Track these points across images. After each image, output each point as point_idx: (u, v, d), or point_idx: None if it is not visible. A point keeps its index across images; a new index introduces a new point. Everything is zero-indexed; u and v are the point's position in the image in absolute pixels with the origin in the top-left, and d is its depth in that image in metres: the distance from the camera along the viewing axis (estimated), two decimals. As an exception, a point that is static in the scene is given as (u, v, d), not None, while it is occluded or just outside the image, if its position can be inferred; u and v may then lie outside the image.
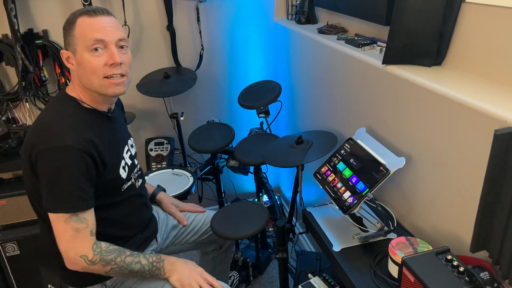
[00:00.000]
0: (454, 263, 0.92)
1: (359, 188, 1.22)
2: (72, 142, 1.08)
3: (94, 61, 1.14)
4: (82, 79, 1.18)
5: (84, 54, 1.14)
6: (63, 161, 1.08)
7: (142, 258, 1.19)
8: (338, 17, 1.80)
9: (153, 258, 1.22)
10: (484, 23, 1.03)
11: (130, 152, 1.35)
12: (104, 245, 1.14)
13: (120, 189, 1.27)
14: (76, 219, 1.10)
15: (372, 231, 1.24)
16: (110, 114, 1.27)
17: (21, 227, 1.90)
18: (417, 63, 1.22)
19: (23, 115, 2.03)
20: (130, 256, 1.18)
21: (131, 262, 1.17)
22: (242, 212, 1.50)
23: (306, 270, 1.61)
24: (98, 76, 1.15)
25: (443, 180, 1.12)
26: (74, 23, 1.14)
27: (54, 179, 1.08)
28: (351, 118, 1.58)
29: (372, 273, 1.12)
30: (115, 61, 1.14)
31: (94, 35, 1.12)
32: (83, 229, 1.10)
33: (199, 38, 2.20)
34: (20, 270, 1.92)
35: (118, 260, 1.15)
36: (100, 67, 1.14)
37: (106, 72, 1.15)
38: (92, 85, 1.17)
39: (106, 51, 1.15)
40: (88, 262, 1.12)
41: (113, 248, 1.16)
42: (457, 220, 1.10)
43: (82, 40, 1.13)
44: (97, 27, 1.13)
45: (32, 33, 1.93)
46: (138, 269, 1.18)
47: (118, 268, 1.15)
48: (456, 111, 1.02)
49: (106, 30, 1.14)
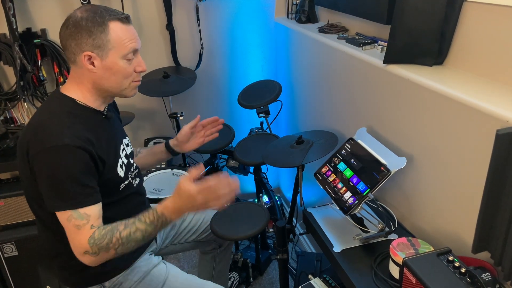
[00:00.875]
0: (456, 264, 0.92)
1: (360, 189, 1.22)
2: (69, 140, 1.08)
3: (128, 68, 1.19)
4: (104, 82, 1.18)
5: (119, 61, 1.17)
6: (61, 160, 1.08)
7: (139, 224, 1.13)
8: (339, 16, 1.80)
9: (150, 218, 1.15)
10: (486, 22, 1.03)
11: (126, 151, 1.36)
12: (97, 232, 1.10)
13: (118, 188, 1.27)
14: (77, 215, 1.09)
15: (373, 231, 1.24)
16: (106, 113, 1.27)
17: (19, 227, 1.90)
18: (418, 62, 1.22)
19: (21, 115, 2.03)
20: (125, 229, 1.12)
21: (129, 235, 1.12)
22: (242, 213, 1.50)
23: (306, 271, 1.61)
24: (128, 81, 1.22)
25: (444, 180, 1.12)
26: (106, 26, 1.13)
27: (54, 178, 1.08)
28: (352, 118, 1.58)
29: (373, 274, 1.12)
30: (144, 69, 1.24)
31: (133, 45, 1.18)
32: (83, 225, 1.10)
33: (199, 37, 2.21)
34: (18, 271, 1.92)
35: (114, 240, 1.10)
36: (132, 73, 1.21)
37: (135, 77, 1.23)
38: (118, 88, 1.21)
39: (134, 59, 1.21)
40: (92, 255, 1.10)
41: (105, 231, 1.11)
42: (458, 220, 1.10)
43: (120, 47, 1.16)
44: (133, 36, 1.19)
45: (31, 32, 1.93)
46: (141, 236, 1.14)
47: (121, 246, 1.12)
48: (457, 111, 1.02)
49: (138, 40, 1.21)
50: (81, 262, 1.23)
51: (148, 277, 1.33)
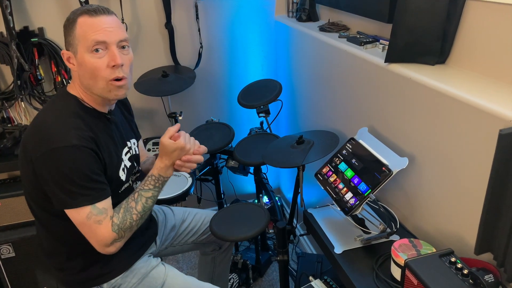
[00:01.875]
0: (458, 265, 0.92)
1: (361, 189, 1.22)
2: (75, 140, 1.09)
3: (95, 63, 1.13)
4: (83, 80, 1.18)
5: (85, 55, 1.13)
6: (71, 159, 1.08)
7: (145, 193, 1.23)
8: (340, 14, 1.80)
9: (152, 183, 1.24)
10: (489, 21, 1.03)
11: (130, 153, 1.36)
12: (115, 219, 1.16)
13: (118, 191, 1.27)
14: (97, 211, 1.12)
15: (375, 233, 1.24)
16: (109, 116, 1.27)
17: (16, 228, 1.90)
18: (420, 61, 1.22)
19: (19, 115, 2.03)
20: (138, 204, 1.21)
21: (143, 206, 1.21)
22: (241, 214, 1.50)
23: (307, 273, 1.61)
24: (101, 79, 1.15)
25: (446, 181, 1.12)
26: (75, 22, 1.14)
27: (67, 178, 1.08)
28: (353, 117, 1.58)
29: (374, 276, 1.12)
30: (116, 62, 1.14)
31: (95, 37, 1.12)
32: (104, 219, 1.14)
33: (198, 36, 2.21)
34: (15, 273, 1.92)
35: (134, 217, 1.19)
36: (103, 69, 1.14)
37: (109, 75, 1.15)
38: (94, 87, 1.17)
39: (107, 52, 1.14)
40: (120, 240, 1.17)
41: (122, 214, 1.18)
42: (461, 221, 1.10)
43: (83, 41, 1.13)
44: (99, 27, 1.13)
45: (28, 31, 1.93)
46: (152, 202, 1.24)
47: (141, 219, 1.21)
48: (460, 111, 1.02)
49: (107, 31, 1.13)
50: (80, 264, 1.23)
51: (147, 278, 1.33)
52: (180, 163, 1.27)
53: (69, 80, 2.01)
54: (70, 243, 1.24)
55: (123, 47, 1.18)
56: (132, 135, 1.42)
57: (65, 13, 1.97)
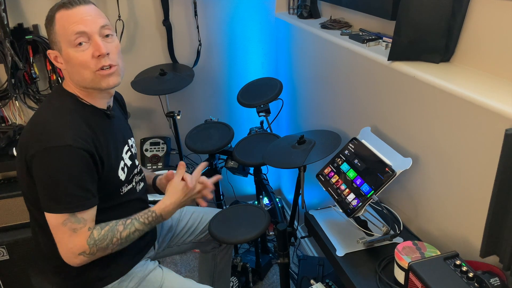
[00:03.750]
0: (463, 268, 0.92)
1: (363, 190, 1.22)
2: (71, 141, 1.08)
3: (80, 56, 1.12)
4: (73, 76, 1.17)
5: (69, 51, 1.12)
6: (62, 161, 1.08)
7: (137, 224, 1.22)
8: (342, 11, 1.80)
9: (149, 219, 1.24)
10: (495, 17, 1.03)
11: (131, 152, 1.35)
12: (96, 233, 1.14)
13: (119, 192, 1.27)
14: (74, 220, 1.11)
15: (378, 235, 1.24)
16: (109, 112, 1.27)
17: (11, 230, 1.89)
18: (424, 59, 1.22)
19: (13, 114, 2.03)
20: (125, 230, 1.19)
21: (128, 235, 1.20)
22: (241, 215, 1.50)
23: (308, 276, 1.61)
24: (89, 71, 1.14)
25: (451, 182, 1.12)
26: (54, 19, 1.13)
27: (53, 179, 1.08)
28: (356, 117, 1.58)
29: (377, 279, 1.12)
30: (101, 52, 1.12)
31: (74, 28, 1.10)
32: (81, 228, 1.12)
33: (197, 33, 2.21)
34: (9, 276, 1.92)
35: (115, 240, 1.17)
36: (89, 61, 1.12)
37: (95, 65, 1.13)
38: (84, 80, 1.16)
39: (90, 43, 1.13)
40: (88, 255, 1.14)
41: (105, 232, 1.16)
42: (466, 223, 1.10)
43: (64, 35, 1.11)
44: (76, 18, 1.11)
45: (22, 28, 1.93)
46: (138, 234, 1.23)
47: (119, 245, 1.19)
48: (465, 110, 1.02)
49: (86, 20, 1.11)
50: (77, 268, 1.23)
51: (144, 282, 1.33)
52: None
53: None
54: None
55: (107, 36, 1.16)
56: (131, 134, 1.42)
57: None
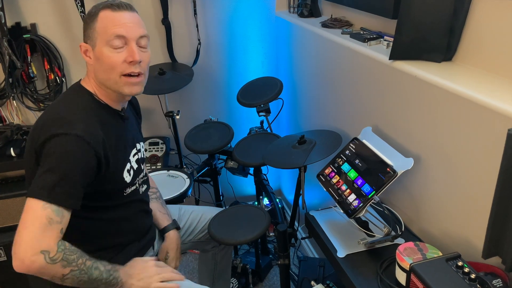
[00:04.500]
0: (465, 269, 0.92)
1: (364, 191, 1.22)
2: (81, 132, 1.09)
3: (113, 57, 1.15)
4: (98, 74, 1.19)
5: (103, 49, 1.16)
6: (67, 148, 1.07)
7: (100, 265, 1.15)
8: (343, 10, 1.80)
9: (109, 266, 1.18)
10: (497, 16, 1.03)
11: (138, 156, 1.36)
12: (68, 243, 1.08)
13: (122, 193, 1.27)
14: (55, 209, 1.05)
15: (379, 236, 1.24)
16: (123, 114, 1.28)
17: (8, 231, 1.90)
18: (426, 58, 1.22)
19: (10, 114, 2.03)
20: (89, 260, 1.12)
21: (90, 267, 1.12)
22: (241, 216, 1.50)
23: (309, 277, 1.61)
24: (116, 73, 1.17)
25: (453, 182, 1.12)
26: (96, 16, 1.17)
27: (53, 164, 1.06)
28: (357, 116, 1.58)
29: (378, 281, 1.12)
30: (134, 58, 1.16)
31: (115, 31, 1.14)
32: (57, 222, 1.05)
33: (196, 32, 2.21)
34: (7, 277, 1.92)
35: (80, 262, 1.09)
36: (119, 64, 1.16)
37: (124, 69, 1.17)
38: (108, 81, 1.19)
39: (126, 48, 1.17)
40: (48, 259, 1.03)
41: (75, 248, 1.10)
42: (468, 224, 1.10)
43: (103, 34, 1.15)
44: (119, 22, 1.15)
45: (20, 27, 1.93)
46: (96, 276, 1.13)
47: (78, 271, 1.09)
48: (467, 109, 1.02)
49: (128, 26, 1.16)
50: None
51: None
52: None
53: (63, 78, 2.01)
54: None
55: (142, 46, 1.21)
56: (141, 138, 1.43)
57: (58, 8, 1.97)
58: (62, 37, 2.02)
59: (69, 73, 2.07)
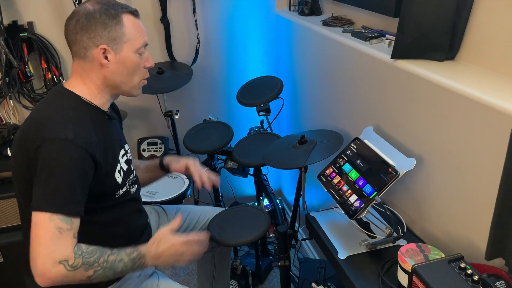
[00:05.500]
0: (468, 271, 0.92)
1: (366, 191, 1.22)
2: (73, 136, 1.08)
3: (140, 64, 1.23)
4: (117, 77, 1.21)
5: (132, 55, 1.20)
6: (62, 154, 1.07)
7: (124, 255, 1.15)
8: (344, 8, 1.80)
9: (134, 254, 1.17)
10: (500, 14, 1.03)
11: (127, 157, 1.36)
12: (84, 246, 1.09)
13: (115, 194, 1.27)
14: (62, 218, 1.05)
15: (380, 237, 1.24)
16: (110, 114, 1.28)
17: (4, 233, 1.89)
18: (428, 57, 1.22)
19: (7, 113, 2.03)
20: (112, 255, 1.13)
21: (114, 261, 1.12)
22: (241, 217, 1.50)
23: (309, 279, 1.61)
24: (138, 77, 1.25)
25: (456, 183, 1.12)
26: (120, 18, 1.18)
27: (50, 174, 1.06)
28: (358, 116, 1.58)
29: (380, 282, 1.12)
30: (151, 64, 1.27)
31: (145, 39, 1.23)
32: (67, 230, 1.06)
33: (195, 30, 2.20)
34: (3, 279, 1.92)
35: (101, 260, 1.10)
36: (142, 69, 1.25)
37: (145, 74, 1.27)
38: (128, 84, 1.24)
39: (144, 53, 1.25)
40: (69, 267, 1.04)
41: (94, 248, 1.10)
42: (471, 225, 1.10)
43: (134, 41, 1.20)
44: (143, 30, 1.23)
45: (17, 25, 1.93)
46: (121, 268, 1.14)
47: (102, 270, 1.10)
48: (470, 109, 1.02)
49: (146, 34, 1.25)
50: None
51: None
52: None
53: (60, 77, 2.01)
54: None
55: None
56: (125, 141, 1.43)
57: (55, 7, 1.97)
58: (60, 35, 2.00)
59: (66, 72, 2.07)
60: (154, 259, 1.20)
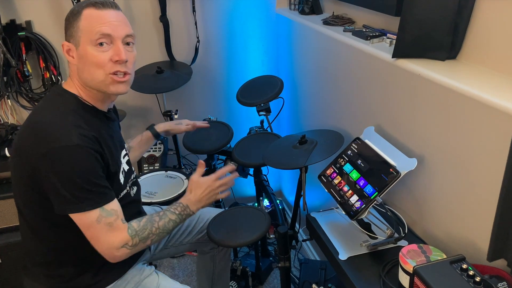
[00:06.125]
0: (470, 272, 0.92)
1: (367, 192, 1.22)
2: (79, 140, 1.09)
3: (98, 56, 1.14)
4: (82, 74, 1.18)
5: (88, 48, 1.14)
6: (76, 160, 1.08)
7: (170, 215, 1.27)
8: (345, 7, 1.80)
9: (179, 209, 1.30)
10: (502, 13, 1.03)
11: (128, 157, 1.37)
12: (135, 224, 1.20)
13: (118, 196, 1.27)
14: (106, 214, 1.13)
15: (381, 238, 1.24)
16: (109, 115, 1.28)
17: (2, 233, 1.89)
18: (429, 56, 1.22)
19: (5, 113, 2.03)
20: (161, 220, 1.25)
21: (164, 225, 1.25)
22: (241, 218, 1.50)
23: (310, 280, 1.61)
24: (104, 72, 1.16)
25: (457, 183, 1.12)
26: (80, 14, 1.15)
27: (69, 180, 1.08)
28: (359, 116, 1.58)
29: (381, 283, 1.12)
30: (120, 58, 1.15)
31: (100, 29, 1.13)
32: (115, 220, 1.15)
33: (195, 29, 2.21)
34: (2, 280, 1.92)
35: (154, 229, 1.22)
36: (105, 63, 1.15)
37: (111, 68, 1.16)
38: (93, 80, 1.17)
39: (111, 47, 1.16)
40: (130, 247, 1.18)
41: (144, 222, 1.22)
42: (473, 226, 1.09)
43: (87, 33, 1.14)
44: (105, 20, 1.14)
45: (15, 24, 1.93)
46: (172, 226, 1.28)
47: (157, 236, 1.24)
48: (471, 109, 1.02)
49: (114, 25, 1.15)
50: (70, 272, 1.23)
51: (140, 287, 1.34)
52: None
53: (58, 76, 2.01)
54: (61, 250, 1.24)
55: (128, 44, 1.20)
56: (124, 142, 1.43)
57: (53, 6, 1.98)
58: (58, 35, 2.02)
59: (65, 71, 2.07)
60: (196, 204, 1.33)
